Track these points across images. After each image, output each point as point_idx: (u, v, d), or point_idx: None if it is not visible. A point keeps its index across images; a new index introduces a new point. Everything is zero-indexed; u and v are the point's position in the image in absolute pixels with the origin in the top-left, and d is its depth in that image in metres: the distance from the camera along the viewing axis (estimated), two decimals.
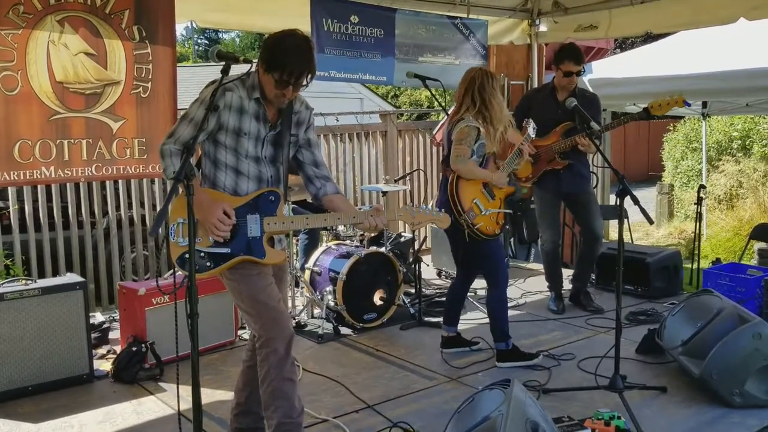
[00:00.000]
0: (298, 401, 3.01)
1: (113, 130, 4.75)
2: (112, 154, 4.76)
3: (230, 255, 2.93)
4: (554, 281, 5.53)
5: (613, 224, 8.75)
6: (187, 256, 2.82)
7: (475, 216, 4.13)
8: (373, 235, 5.93)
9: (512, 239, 7.35)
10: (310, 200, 5.57)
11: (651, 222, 3.50)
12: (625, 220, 7.22)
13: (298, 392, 3.03)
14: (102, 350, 4.65)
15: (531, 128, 4.57)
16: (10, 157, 4.39)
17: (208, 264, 2.92)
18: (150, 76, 4.85)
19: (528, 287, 6.19)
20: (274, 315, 2.96)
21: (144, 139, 4.86)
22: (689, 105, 4.99)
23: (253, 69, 2.97)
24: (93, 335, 4.43)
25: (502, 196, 4.32)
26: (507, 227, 6.79)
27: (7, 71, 4.32)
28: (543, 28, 7.11)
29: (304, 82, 2.90)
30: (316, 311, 5.36)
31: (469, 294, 4.92)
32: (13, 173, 4.42)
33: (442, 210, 3.28)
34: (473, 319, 5.18)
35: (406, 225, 3.33)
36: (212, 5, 5.40)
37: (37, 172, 4.51)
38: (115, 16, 4.65)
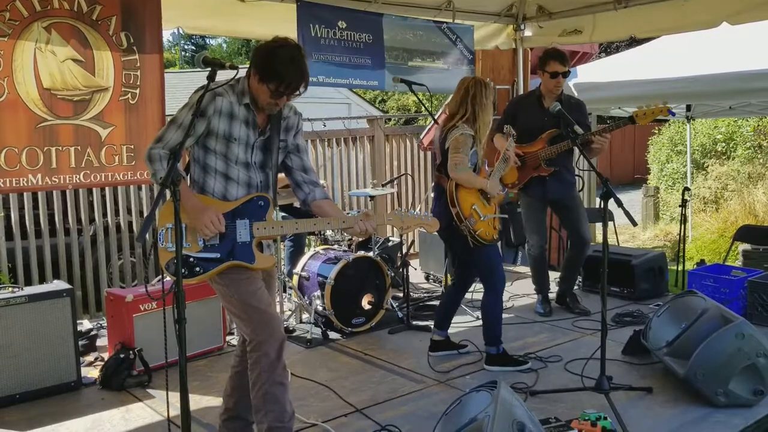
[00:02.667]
0: (289, 405, 3.02)
1: (102, 137, 4.73)
2: (100, 161, 4.73)
3: (220, 260, 2.93)
4: (541, 284, 5.57)
5: (599, 227, 8.82)
6: (176, 260, 2.83)
7: (475, 222, 4.16)
8: (361, 239, 5.95)
9: (499, 242, 7.37)
10: (296, 204, 5.59)
11: (635, 224, 3.54)
12: (611, 222, 7.30)
13: (289, 396, 3.04)
14: (90, 357, 4.64)
15: (510, 136, 4.61)
16: None
17: (198, 269, 2.91)
18: (138, 83, 4.83)
19: (515, 290, 6.22)
20: (265, 318, 2.96)
21: (132, 146, 4.83)
22: (674, 115, 5.05)
23: (242, 75, 2.98)
24: (80, 342, 4.42)
25: (496, 201, 4.37)
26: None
27: None
28: (528, 32, 7.16)
29: (299, 92, 2.93)
30: (305, 316, 5.37)
31: None
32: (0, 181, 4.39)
33: (430, 214, 3.31)
34: (461, 323, 5.21)
35: (395, 229, 3.38)
36: (199, 11, 5.40)
37: (23, 180, 4.47)
38: (103, 23, 4.64)
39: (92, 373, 4.35)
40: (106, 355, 4.46)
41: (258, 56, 2.90)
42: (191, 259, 2.90)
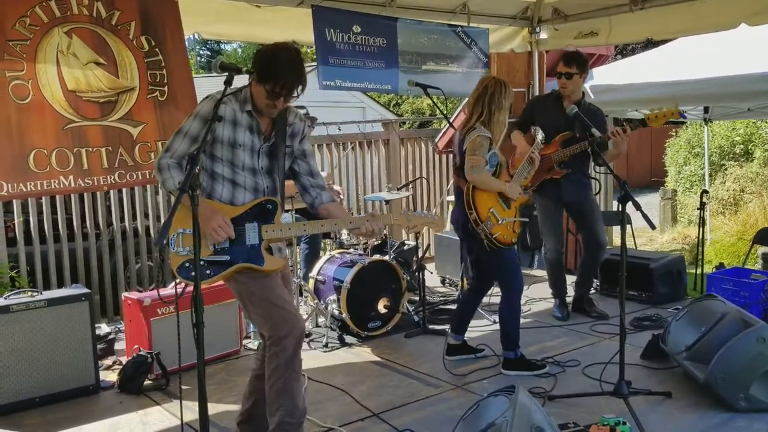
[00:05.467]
0: (301, 402, 3.08)
1: (134, 136, 4.66)
2: (135, 160, 4.64)
3: (230, 263, 2.98)
4: (558, 288, 5.54)
5: (617, 230, 8.75)
6: (187, 264, 2.91)
7: (492, 225, 4.14)
8: (376, 243, 5.95)
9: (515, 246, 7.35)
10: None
11: (653, 227, 3.51)
12: (629, 225, 7.24)
13: (303, 393, 3.10)
14: (108, 361, 4.67)
15: (540, 136, 4.60)
16: (25, 168, 4.28)
17: (209, 272, 2.96)
18: (165, 81, 4.78)
19: (532, 294, 6.19)
20: (284, 314, 3.01)
21: (168, 142, 4.80)
22: (684, 117, 5.06)
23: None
24: (99, 346, 4.45)
25: (517, 204, 4.34)
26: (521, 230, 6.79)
27: (18, 80, 4.27)
28: (543, 35, 7.13)
29: (295, 94, 2.97)
30: (321, 320, 5.37)
31: None
32: (30, 184, 4.30)
33: (436, 214, 3.34)
34: (478, 327, 5.19)
35: (404, 230, 3.43)
36: (216, 17, 5.43)
37: (55, 182, 4.39)
38: (122, 28, 4.64)
39: (110, 376, 4.38)
40: (124, 359, 4.48)
41: (257, 58, 2.97)
42: (202, 263, 2.93)
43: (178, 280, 3.55)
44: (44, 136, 4.37)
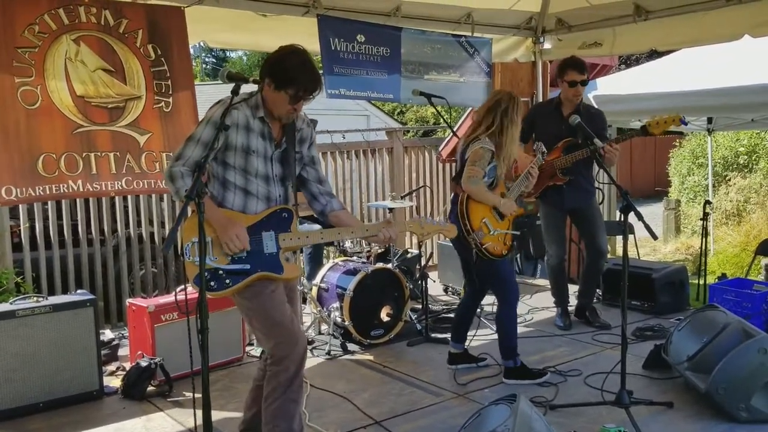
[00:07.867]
0: (297, 423, 3.05)
1: (140, 144, 4.68)
2: (141, 168, 4.67)
3: (249, 272, 2.96)
4: (560, 297, 5.54)
5: (619, 240, 8.76)
6: (205, 275, 2.87)
7: (483, 236, 4.15)
8: (380, 250, 5.97)
9: (519, 255, 7.37)
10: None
11: (655, 237, 3.53)
12: (632, 235, 7.25)
13: (300, 413, 3.07)
14: (111, 367, 4.69)
15: (540, 153, 4.60)
16: (33, 172, 4.29)
17: (228, 282, 2.94)
18: (170, 92, 4.82)
19: (535, 303, 6.20)
20: (287, 333, 2.99)
21: (171, 153, 4.79)
22: (686, 124, 5.07)
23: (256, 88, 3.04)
24: (103, 352, 4.46)
25: (511, 217, 4.34)
26: (514, 243, 6.81)
27: (26, 86, 4.29)
28: (547, 45, 7.16)
29: (312, 96, 2.98)
30: (324, 327, 5.39)
31: None
32: (39, 188, 4.31)
33: (448, 220, 3.35)
34: (480, 336, 5.19)
35: (414, 238, 3.45)
36: (222, 26, 5.47)
37: (64, 186, 4.39)
38: (129, 36, 4.68)
39: (114, 382, 4.40)
40: (127, 365, 4.50)
41: (271, 65, 2.95)
42: (221, 272, 2.93)
43: (180, 288, 3.58)
44: (53, 140, 4.39)
